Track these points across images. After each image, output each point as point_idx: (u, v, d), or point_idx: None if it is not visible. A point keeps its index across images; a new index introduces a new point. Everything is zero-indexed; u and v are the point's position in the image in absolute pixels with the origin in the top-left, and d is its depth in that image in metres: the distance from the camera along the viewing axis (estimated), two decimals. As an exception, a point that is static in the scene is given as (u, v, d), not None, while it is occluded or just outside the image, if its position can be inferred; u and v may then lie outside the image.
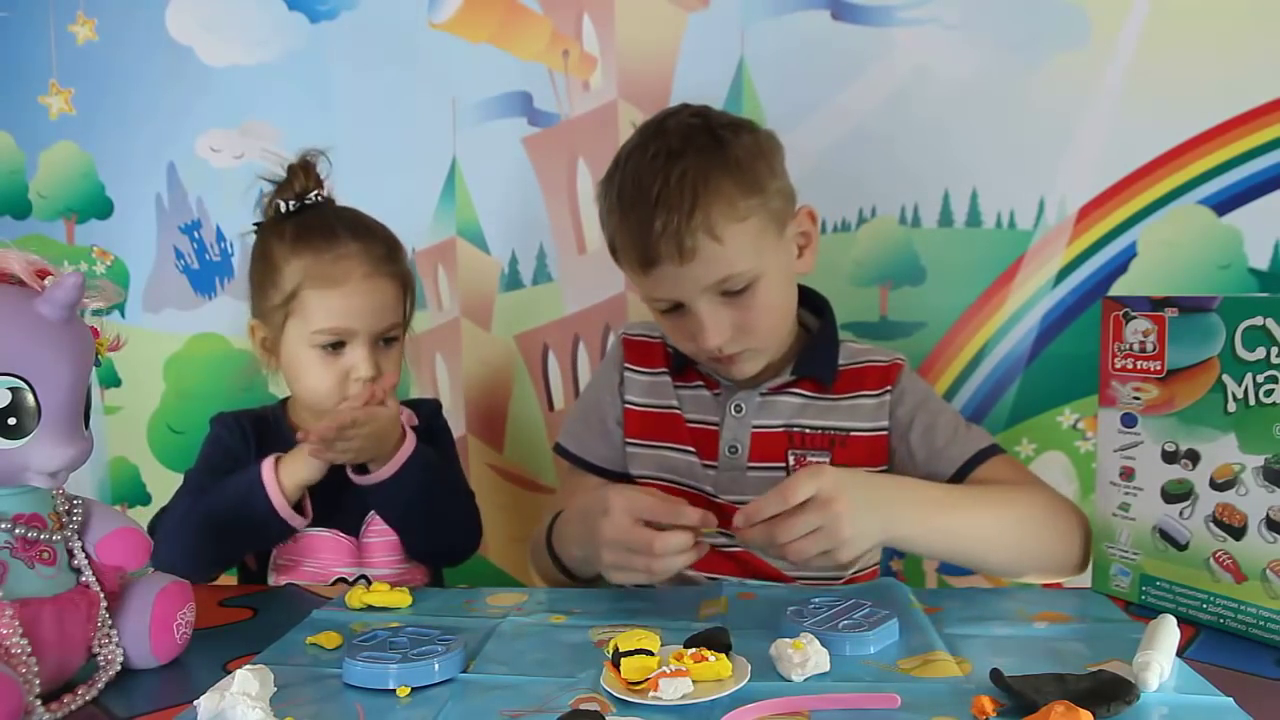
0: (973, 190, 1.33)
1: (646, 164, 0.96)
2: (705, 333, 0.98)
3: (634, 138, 1.01)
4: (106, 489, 1.53)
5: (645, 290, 1.01)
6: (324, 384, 1.04)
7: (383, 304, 1.04)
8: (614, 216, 1.00)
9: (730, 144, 0.97)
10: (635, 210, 0.96)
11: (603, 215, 1.03)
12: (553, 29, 1.40)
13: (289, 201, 1.06)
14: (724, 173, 0.95)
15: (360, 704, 0.66)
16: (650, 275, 0.97)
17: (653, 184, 0.94)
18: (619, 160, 1.01)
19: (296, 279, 1.02)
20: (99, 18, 1.47)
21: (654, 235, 0.93)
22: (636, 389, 1.12)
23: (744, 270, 0.96)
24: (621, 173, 0.99)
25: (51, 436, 0.67)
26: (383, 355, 1.05)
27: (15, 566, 0.67)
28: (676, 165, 0.94)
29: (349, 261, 1.02)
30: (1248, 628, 0.77)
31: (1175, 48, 1.25)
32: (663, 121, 1.01)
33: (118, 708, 0.69)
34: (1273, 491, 0.75)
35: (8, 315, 0.66)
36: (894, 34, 1.32)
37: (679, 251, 0.93)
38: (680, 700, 0.64)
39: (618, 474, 1.11)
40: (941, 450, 1.02)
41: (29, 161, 1.50)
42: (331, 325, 1.02)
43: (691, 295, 0.97)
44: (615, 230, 1.00)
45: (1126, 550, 0.86)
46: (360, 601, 0.88)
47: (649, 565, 0.83)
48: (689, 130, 0.98)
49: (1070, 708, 0.58)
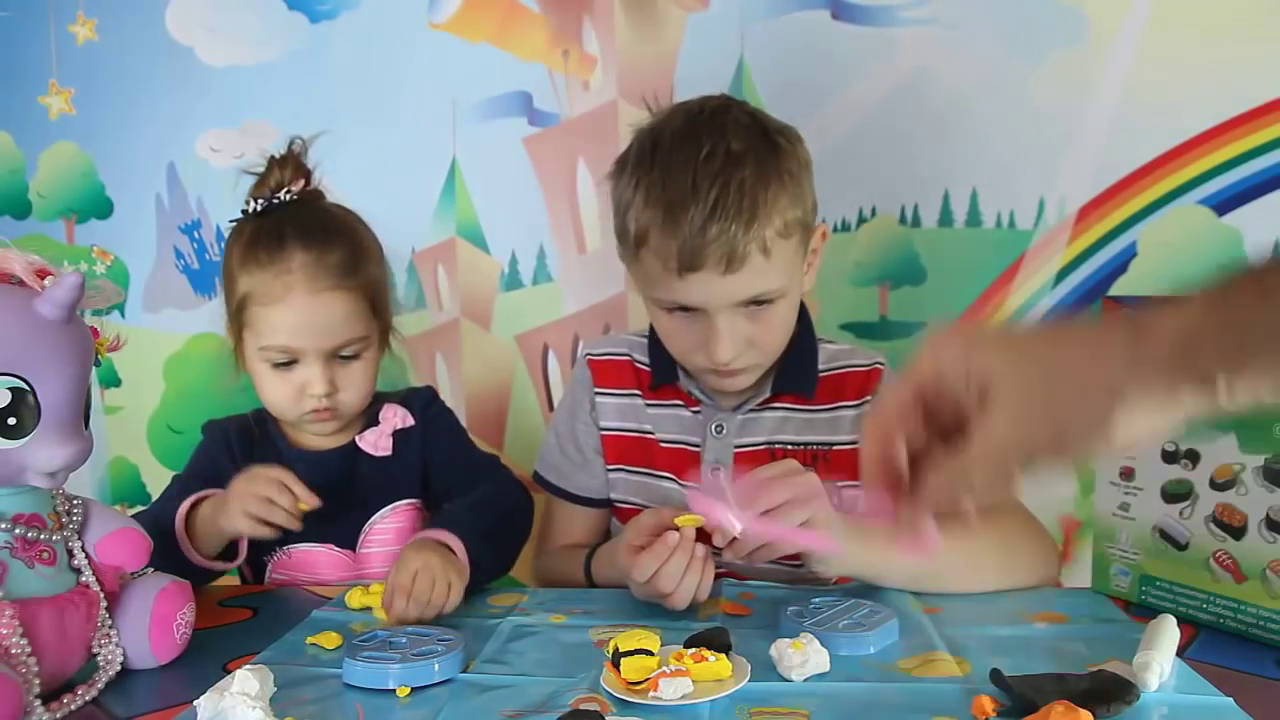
0: (973, 190, 1.33)
1: (701, 163, 0.90)
2: (720, 345, 0.93)
3: (675, 123, 0.94)
4: (106, 489, 1.53)
5: (665, 292, 0.94)
6: (280, 398, 1.01)
7: (331, 321, 0.98)
8: (651, 210, 0.92)
9: (786, 154, 0.94)
10: (684, 210, 0.89)
11: (627, 202, 0.95)
12: (553, 29, 1.40)
13: (257, 200, 1.02)
14: (780, 186, 0.91)
15: (360, 704, 0.66)
16: (683, 279, 0.91)
17: (709, 187, 0.89)
18: (657, 144, 0.93)
19: (244, 293, 0.99)
20: (99, 18, 1.47)
21: (705, 241, 0.88)
22: (610, 413, 1.08)
23: (778, 287, 0.93)
24: (665, 162, 0.92)
25: (51, 436, 0.66)
26: (340, 370, 1.00)
27: (15, 566, 0.67)
28: (737, 172, 0.89)
29: (292, 277, 0.96)
30: (1248, 628, 0.77)
31: (1175, 47, 1.25)
32: (714, 115, 0.94)
33: (118, 708, 0.69)
34: (1273, 491, 0.75)
35: (8, 315, 0.66)
36: (894, 34, 1.32)
37: (727, 262, 0.88)
38: (680, 700, 0.64)
39: (602, 503, 1.09)
40: None
41: (29, 161, 1.51)
42: (277, 344, 0.98)
43: (719, 306, 0.92)
44: (649, 223, 0.92)
45: (1126, 550, 0.86)
46: (360, 602, 0.88)
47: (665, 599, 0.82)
48: (747, 133, 0.93)
49: (1070, 708, 0.58)
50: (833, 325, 1.36)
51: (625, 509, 1.07)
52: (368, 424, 1.07)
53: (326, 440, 1.06)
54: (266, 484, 0.91)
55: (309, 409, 1.00)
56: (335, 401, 1.00)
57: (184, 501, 0.96)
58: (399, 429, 1.06)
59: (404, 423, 1.07)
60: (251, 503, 0.90)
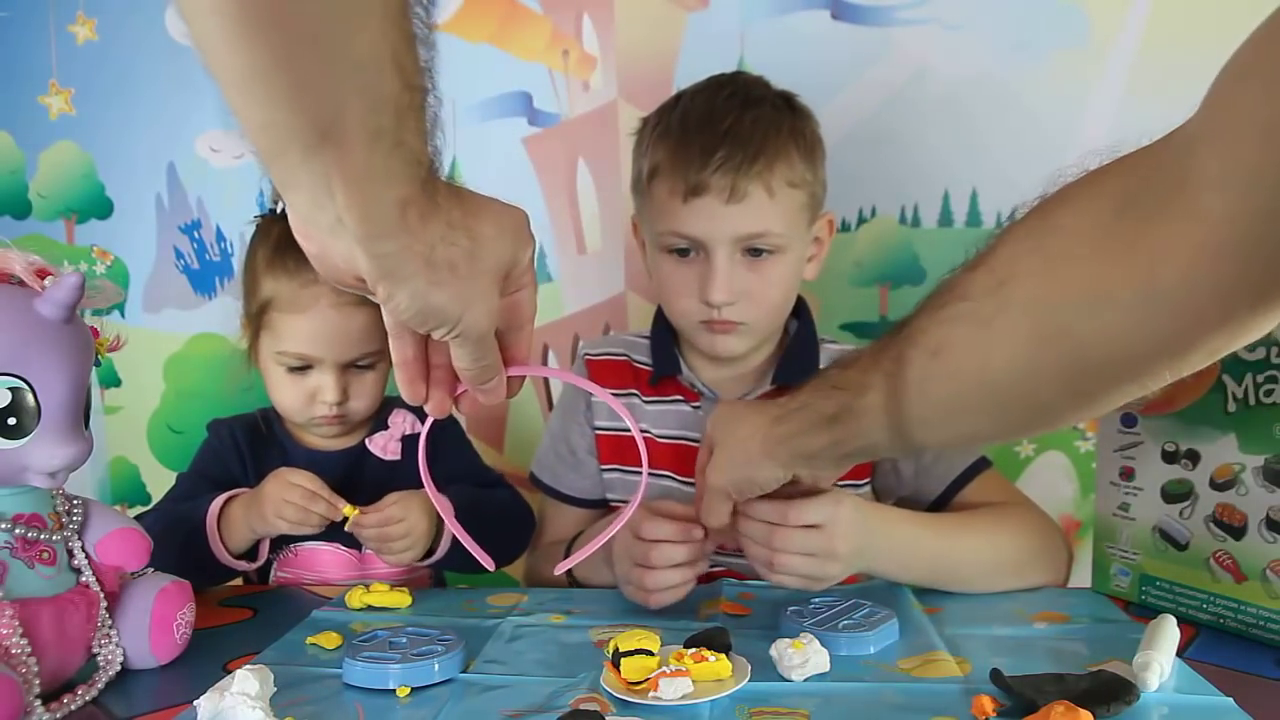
0: (973, 190, 1.33)
1: (722, 101, 0.96)
2: (715, 283, 0.95)
3: (700, 83, 1.01)
4: (106, 489, 1.53)
5: (670, 223, 0.97)
6: (291, 401, 1.02)
7: (350, 333, 0.99)
8: (667, 140, 0.97)
9: (803, 117, 1.00)
10: (699, 136, 0.94)
11: (645, 144, 1.00)
12: (553, 29, 1.40)
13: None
14: (792, 137, 0.96)
15: (360, 704, 0.66)
16: (688, 205, 0.94)
17: (725, 117, 0.94)
18: (680, 96, 1.00)
19: (267, 296, 1.00)
20: (99, 18, 1.47)
21: (712, 164, 0.92)
22: (605, 412, 1.08)
23: (778, 233, 0.95)
24: (688, 102, 0.98)
25: (51, 436, 0.66)
26: (354, 379, 1.02)
27: (15, 566, 0.67)
28: (752, 110, 0.95)
29: (319, 288, 0.97)
30: (1248, 628, 0.77)
31: (1175, 47, 1.25)
32: (736, 76, 1.02)
33: (118, 708, 0.69)
34: (1273, 491, 0.75)
35: (8, 315, 0.66)
36: (894, 34, 1.32)
37: (731, 189, 0.92)
38: (680, 700, 0.64)
39: (595, 503, 1.10)
40: (929, 467, 0.99)
41: (29, 161, 1.50)
42: (295, 350, 0.99)
43: (718, 240, 0.95)
44: (664, 154, 0.97)
45: (1126, 550, 0.86)
46: (360, 601, 0.88)
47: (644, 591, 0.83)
48: (768, 89, 1.00)
49: (1070, 708, 0.58)
50: (833, 325, 1.36)
51: (620, 508, 1.07)
52: (376, 427, 1.07)
53: (334, 441, 1.07)
54: (302, 489, 0.94)
55: (319, 414, 1.01)
56: (345, 409, 1.02)
57: (215, 500, 0.97)
58: (407, 434, 1.07)
59: (413, 428, 1.07)
60: (288, 507, 0.93)
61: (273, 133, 0.42)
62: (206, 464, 1.07)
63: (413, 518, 0.96)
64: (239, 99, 0.41)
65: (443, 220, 0.48)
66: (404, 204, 0.45)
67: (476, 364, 0.56)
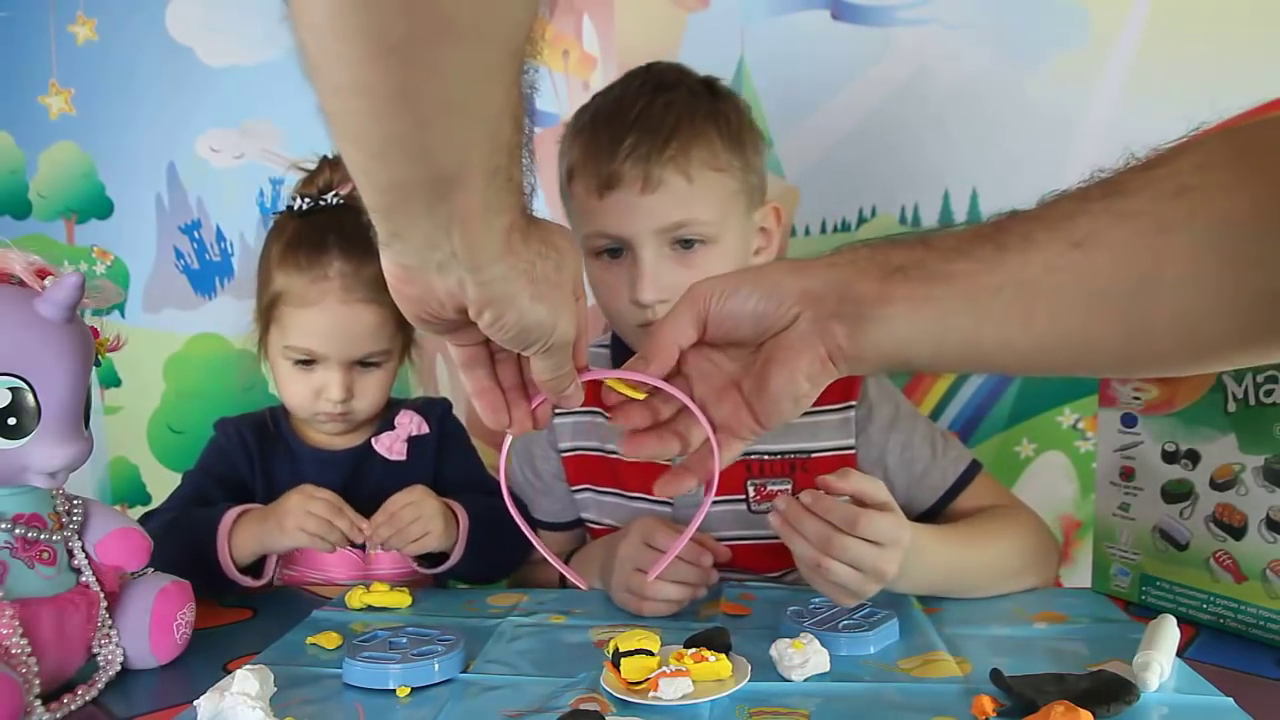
0: (973, 190, 1.33)
1: (633, 90, 0.92)
2: (643, 282, 0.90)
3: (617, 79, 0.97)
4: (106, 489, 1.53)
5: (591, 223, 0.92)
6: (297, 396, 1.02)
7: (359, 331, 0.99)
8: (580, 138, 0.93)
9: (726, 100, 0.94)
10: (608, 128, 0.90)
11: (564, 147, 0.96)
12: (553, 29, 1.40)
13: (304, 199, 1.04)
14: (711, 120, 0.91)
15: (360, 704, 0.66)
16: (604, 201, 0.90)
17: (633, 105, 0.89)
18: (596, 94, 0.96)
19: (277, 290, 1.00)
20: (99, 18, 1.47)
21: (621, 153, 0.87)
22: (566, 433, 1.05)
23: (705, 221, 0.90)
24: (601, 98, 0.94)
25: (51, 436, 0.67)
26: (360, 378, 1.02)
27: (15, 566, 0.67)
28: (663, 95, 0.90)
29: (328, 284, 0.98)
30: (1248, 628, 0.77)
31: (1175, 47, 1.25)
32: (652, 66, 0.97)
33: (118, 708, 0.69)
34: (1273, 491, 0.75)
35: (8, 315, 0.66)
36: (894, 34, 1.32)
37: (644, 178, 0.87)
38: (680, 700, 0.64)
39: (569, 524, 1.08)
40: (921, 477, 0.97)
41: (29, 161, 1.50)
42: (301, 345, 0.99)
43: (641, 235, 0.89)
44: (578, 152, 0.93)
45: (1126, 550, 0.86)
46: (360, 602, 0.88)
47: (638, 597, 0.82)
48: (684, 75, 0.95)
49: (1070, 708, 0.58)
50: (833, 325, 1.36)
51: (599, 529, 1.05)
52: (382, 427, 1.07)
53: (340, 440, 1.07)
54: (326, 506, 0.93)
55: (322, 410, 1.02)
56: (349, 407, 1.02)
57: (227, 514, 0.95)
58: (414, 435, 1.07)
59: (419, 430, 1.08)
60: (311, 519, 0.92)
61: (400, 190, 0.42)
62: (213, 462, 1.07)
63: (419, 500, 0.96)
64: (373, 164, 0.41)
65: (538, 238, 0.49)
66: (509, 229, 0.46)
67: (557, 372, 0.55)
